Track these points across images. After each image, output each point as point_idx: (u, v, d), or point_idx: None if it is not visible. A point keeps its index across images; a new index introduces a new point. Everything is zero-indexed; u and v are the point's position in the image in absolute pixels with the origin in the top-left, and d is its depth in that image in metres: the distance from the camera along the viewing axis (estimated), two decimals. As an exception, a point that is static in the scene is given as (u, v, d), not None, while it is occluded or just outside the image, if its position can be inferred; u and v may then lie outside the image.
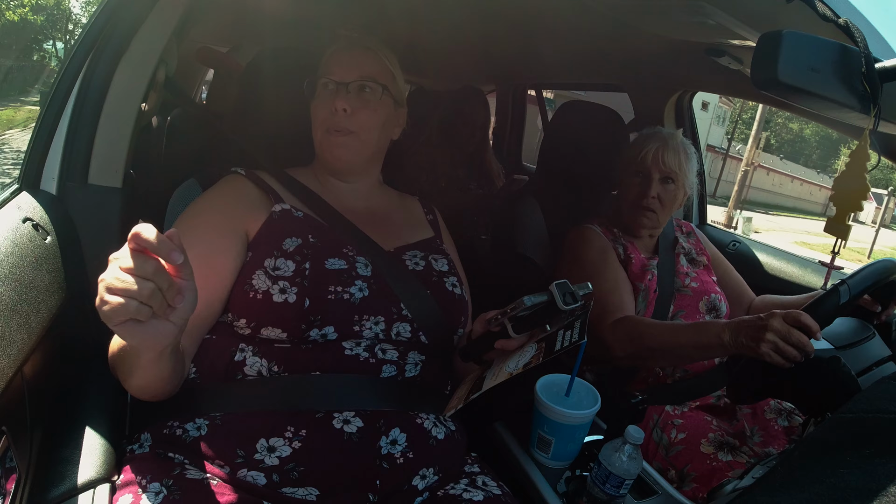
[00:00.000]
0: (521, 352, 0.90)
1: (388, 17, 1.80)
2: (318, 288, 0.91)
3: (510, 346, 0.90)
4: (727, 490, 1.01)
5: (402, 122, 1.15)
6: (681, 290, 1.49)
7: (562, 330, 0.88)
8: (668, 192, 1.49)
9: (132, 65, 1.12)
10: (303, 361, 0.90)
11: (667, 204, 1.50)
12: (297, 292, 0.90)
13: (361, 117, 1.04)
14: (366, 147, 1.07)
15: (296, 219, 1.00)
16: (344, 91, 1.04)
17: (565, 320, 0.88)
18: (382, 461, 0.87)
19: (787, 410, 1.32)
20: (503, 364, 0.90)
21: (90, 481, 0.80)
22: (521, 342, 0.90)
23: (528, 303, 0.85)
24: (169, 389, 0.84)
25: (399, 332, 0.97)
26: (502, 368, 0.89)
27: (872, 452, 0.55)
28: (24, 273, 0.83)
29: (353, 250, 0.99)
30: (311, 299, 0.90)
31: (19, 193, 1.03)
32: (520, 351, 0.90)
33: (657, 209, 1.49)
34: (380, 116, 1.07)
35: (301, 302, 0.89)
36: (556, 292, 0.84)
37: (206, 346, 0.92)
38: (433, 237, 1.17)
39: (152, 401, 0.85)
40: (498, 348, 0.91)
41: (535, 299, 0.85)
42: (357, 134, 1.05)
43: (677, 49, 1.55)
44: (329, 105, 1.03)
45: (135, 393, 0.83)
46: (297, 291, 0.90)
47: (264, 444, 0.83)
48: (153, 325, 0.63)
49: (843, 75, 0.77)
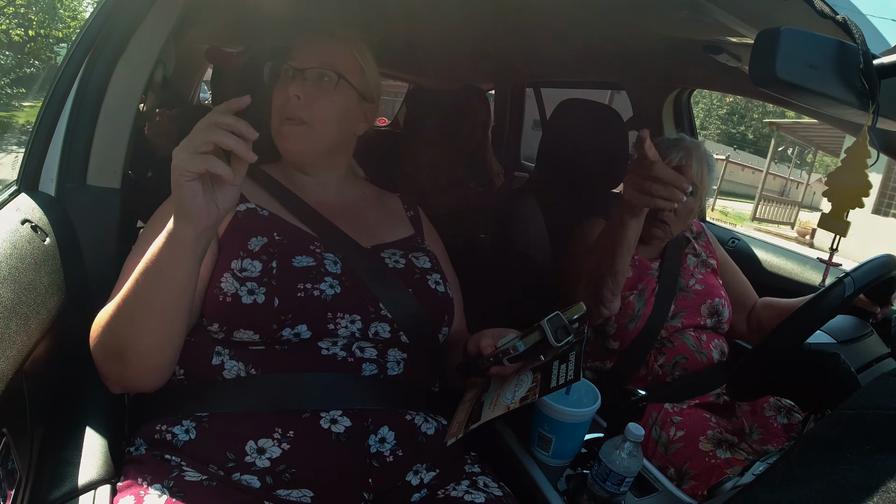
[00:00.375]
0: (517, 379, 0.93)
1: (388, 17, 1.80)
2: (287, 286, 0.89)
3: (505, 373, 0.93)
4: (727, 487, 1.01)
5: (369, 119, 1.10)
6: (683, 291, 1.47)
7: (556, 361, 0.89)
8: (686, 204, 1.40)
9: (130, 65, 1.12)
10: (279, 363, 0.89)
11: (682, 216, 1.44)
12: (265, 292, 0.88)
13: (316, 106, 1.00)
14: (318, 139, 1.02)
15: (261, 217, 0.98)
16: (300, 77, 1.00)
17: (560, 350, 0.89)
18: (373, 459, 0.87)
19: (786, 408, 1.32)
20: (501, 391, 0.92)
21: (91, 482, 0.80)
22: (516, 368, 0.93)
23: (521, 348, 0.87)
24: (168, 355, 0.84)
25: (377, 331, 0.96)
26: (499, 399, 0.91)
27: (872, 449, 0.56)
28: (24, 274, 0.83)
29: (320, 247, 0.98)
30: (281, 298, 0.88)
31: (18, 195, 1.03)
32: (517, 378, 0.93)
33: (671, 221, 1.43)
34: (336, 107, 1.02)
35: (270, 301, 0.88)
36: (547, 329, 0.86)
37: (188, 349, 0.91)
38: (413, 235, 1.15)
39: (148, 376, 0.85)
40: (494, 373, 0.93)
41: (527, 343, 0.87)
42: (310, 125, 1.00)
43: (675, 47, 1.54)
44: (285, 92, 1.00)
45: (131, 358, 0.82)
46: (265, 291, 0.88)
47: (253, 445, 0.83)
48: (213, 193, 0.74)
49: (842, 72, 0.77)
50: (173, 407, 0.88)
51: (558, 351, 0.88)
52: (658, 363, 1.39)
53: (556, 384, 0.85)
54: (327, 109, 1.01)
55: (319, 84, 1.01)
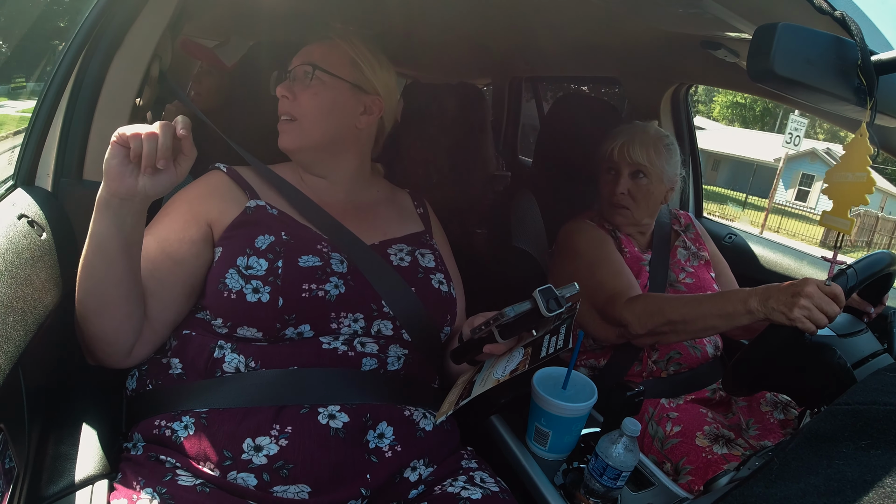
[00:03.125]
0: (509, 356, 0.92)
1: (384, 11, 1.80)
2: (292, 286, 0.90)
3: (498, 351, 0.91)
4: (723, 482, 1.01)
5: (372, 111, 1.08)
6: (674, 285, 1.48)
7: (548, 335, 0.90)
8: (640, 186, 1.46)
9: (126, 60, 1.12)
10: (280, 357, 0.90)
11: (640, 199, 1.46)
12: (270, 291, 0.89)
13: (302, 102, 1.03)
14: (309, 134, 1.04)
15: (270, 216, 0.99)
16: (288, 78, 1.05)
17: (551, 325, 0.89)
18: (371, 455, 0.87)
19: (782, 403, 1.33)
20: (492, 369, 0.92)
21: (88, 478, 0.80)
22: (510, 346, 0.92)
23: (511, 313, 0.86)
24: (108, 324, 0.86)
25: (380, 329, 0.97)
26: (490, 374, 0.91)
27: (868, 444, 0.56)
28: (20, 270, 0.83)
29: (327, 246, 0.98)
30: (285, 298, 0.89)
31: (14, 190, 1.03)
32: (508, 354, 0.92)
33: (629, 205, 1.47)
34: (322, 100, 1.03)
35: (275, 301, 0.89)
36: (539, 299, 0.85)
37: (188, 343, 0.93)
38: (422, 231, 1.16)
39: (95, 344, 0.88)
40: (487, 352, 0.92)
41: (517, 309, 0.86)
42: (299, 121, 1.04)
43: (673, 42, 1.54)
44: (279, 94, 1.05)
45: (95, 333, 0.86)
46: (270, 291, 0.89)
47: (250, 443, 0.83)
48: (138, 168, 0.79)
49: (840, 68, 0.77)
50: (172, 402, 0.88)
51: (549, 324, 0.88)
52: (652, 359, 1.39)
53: (546, 354, 0.86)
54: (311, 102, 1.03)
55: (303, 80, 1.04)
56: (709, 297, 1.22)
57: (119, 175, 0.78)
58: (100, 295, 0.84)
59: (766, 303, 1.08)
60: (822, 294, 1.03)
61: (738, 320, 1.15)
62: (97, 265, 0.83)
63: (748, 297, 1.11)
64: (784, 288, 1.07)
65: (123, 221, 0.81)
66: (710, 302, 1.19)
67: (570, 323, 0.90)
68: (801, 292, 1.03)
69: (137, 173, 0.79)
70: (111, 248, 0.82)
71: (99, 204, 0.81)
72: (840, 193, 0.92)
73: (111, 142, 0.78)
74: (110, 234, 0.81)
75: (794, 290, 1.04)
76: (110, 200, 0.80)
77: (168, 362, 0.92)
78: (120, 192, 0.79)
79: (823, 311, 1.02)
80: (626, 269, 1.40)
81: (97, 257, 0.82)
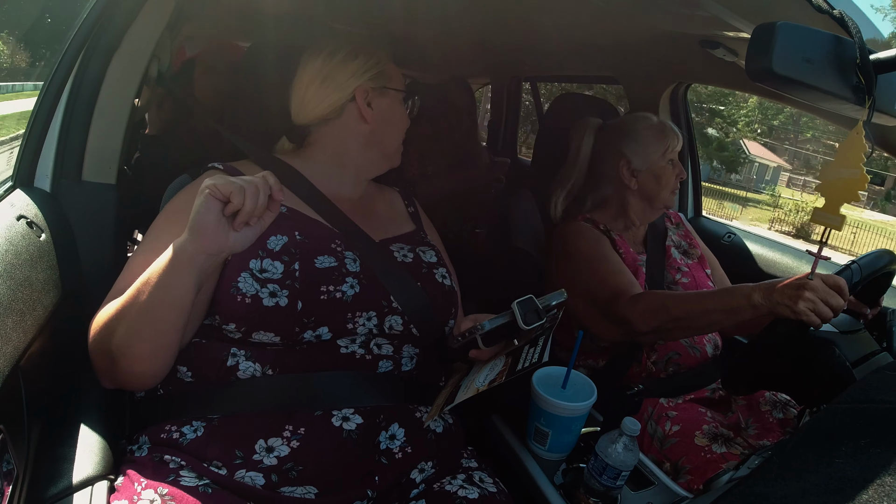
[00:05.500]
0: (493, 362, 0.93)
1: (383, 11, 1.79)
2: (310, 289, 0.89)
3: (483, 357, 0.93)
4: (723, 481, 1.01)
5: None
6: (671, 287, 1.47)
7: (527, 346, 0.90)
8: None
9: (125, 61, 1.12)
10: (298, 363, 0.88)
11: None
12: (288, 295, 0.87)
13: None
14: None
15: (280, 215, 0.95)
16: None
17: (531, 336, 0.89)
18: (381, 456, 0.87)
19: (782, 402, 1.33)
20: (476, 375, 0.93)
21: (88, 479, 0.80)
22: (494, 352, 0.93)
23: (487, 326, 0.87)
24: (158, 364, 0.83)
25: (392, 325, 0.96)
26: (473, 382, 0.91)
27: (868, 442, 0.56)
28: (19, 271, 0.83)
29: (341, 245, 0.97)
30: (304, 301, 0.87)
31: (13, 191, 1.03)
32: (493, 361, 0.93)
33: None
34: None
35: (294, 305, 0.87)
36: (517, 311, 0.85)
37: (198, 351, 0.89)
38: (416, 230, 1.15)
39: (137, 380, 0.85)
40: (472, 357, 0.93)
41: (494, 322, 0.87)
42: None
43: (672, 41, 1.54)
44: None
45: (137, 372, 0.82)
46: (288, 294, 0.87)
47: (263, 444, 0.83)
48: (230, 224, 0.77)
49: (838, 66, 0.77)
50: (182, 409, 0.87)
51: (529, 335, 0.88)
52: (651, 360, 1.39)
53: (522, 367, 0.86)
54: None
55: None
56: (712, 293, 1.22)
57: (215, 232, 0.75)
58: (158, 340, 0.81)
59: (770, 296, 1.08)
60: (827, 287, 1.02)
61: (741, 315, 1.14)
62: (166, 317, 0.79)
63: (752, 292, 1.11)
64: (789, 282, 1.07)
65: (203, 275, 0.79)
66: (714, 297, 1.19)
67: (548, 336, 0.90)
68: (805, 285, 1.02)
69: (229, 229, 0.77)
70: (187, 301, 0.79)
71: (181, 259, 0.76)
72: (833, 190, 0.92)
73: (206, 195, 0.74)
74: (188, 289, 0.78)
75: (800, 283, 1.04)
76: (196, 258, 0.76)
77: (175, 369, 0.89)
78: (211, 248, 0.76)
79: (829, 305, 1.01)
80: (626, 268, 1.40)
81: (168, 309, 0.78)
